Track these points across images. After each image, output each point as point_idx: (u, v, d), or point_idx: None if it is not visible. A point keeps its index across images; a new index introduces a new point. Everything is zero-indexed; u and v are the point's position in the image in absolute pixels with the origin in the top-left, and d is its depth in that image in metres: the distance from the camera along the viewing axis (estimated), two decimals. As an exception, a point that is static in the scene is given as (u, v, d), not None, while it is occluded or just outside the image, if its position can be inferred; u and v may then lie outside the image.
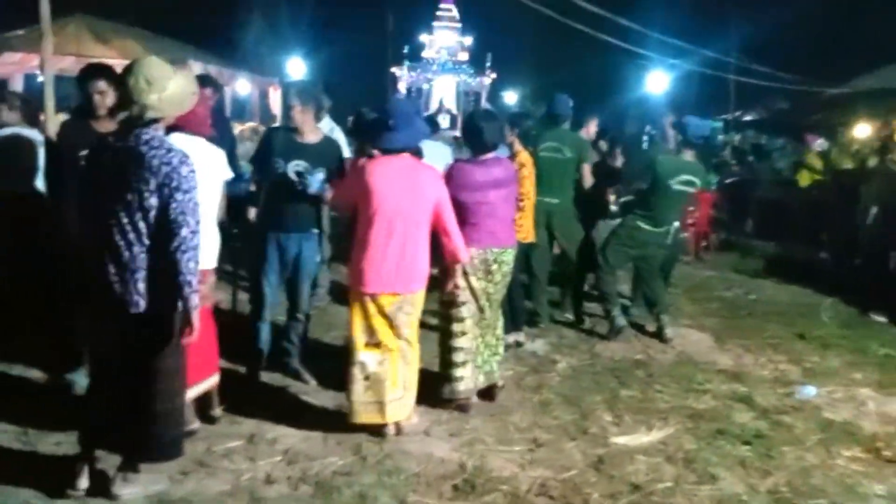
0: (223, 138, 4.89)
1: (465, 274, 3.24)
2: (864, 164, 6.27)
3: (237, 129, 14.03)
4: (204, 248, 2.35)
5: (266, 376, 3.49)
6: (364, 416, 2.90)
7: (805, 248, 7.47)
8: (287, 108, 3.29)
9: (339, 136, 4.41)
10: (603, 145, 5.74)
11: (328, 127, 4.78)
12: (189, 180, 2.18)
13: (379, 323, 2.90)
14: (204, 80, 3.42)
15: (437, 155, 4.70)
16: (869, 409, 3.60)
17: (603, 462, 2.88)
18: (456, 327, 3.26)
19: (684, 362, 4.18)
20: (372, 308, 2.88)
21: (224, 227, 3.05)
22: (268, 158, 3.31)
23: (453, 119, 23.95)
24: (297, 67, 17.07)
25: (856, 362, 4.32)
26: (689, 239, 7.36)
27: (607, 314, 4.61)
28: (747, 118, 15.48)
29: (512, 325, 4.08)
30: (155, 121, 2.22)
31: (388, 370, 2.90)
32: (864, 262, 5.81)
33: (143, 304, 2.19)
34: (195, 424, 2.87)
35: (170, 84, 2.21)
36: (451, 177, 3.21)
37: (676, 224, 4.58)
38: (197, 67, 8.67)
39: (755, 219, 7.80)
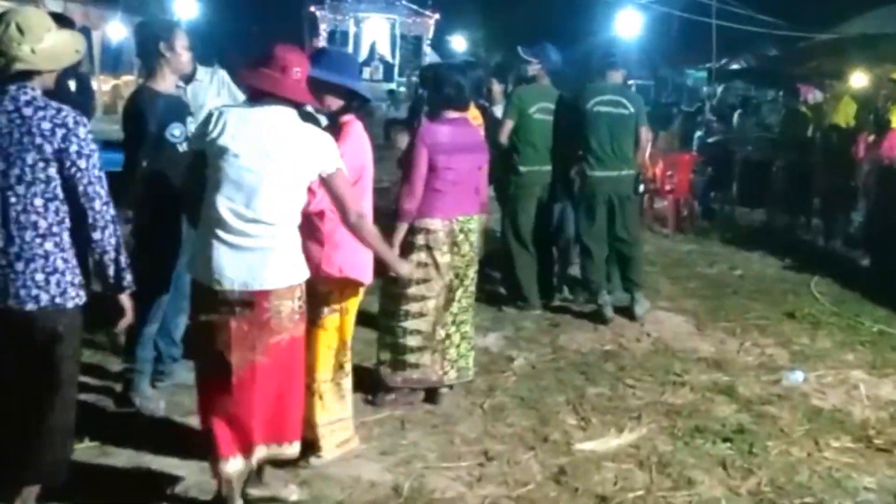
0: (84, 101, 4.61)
1: (429, 249, 3.30)
2: (859, 122, 6.48)
3: (110, 83, 13.00)
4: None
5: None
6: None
7: (795, 216, 7.74)
8: (170, 51, 3.10)
9: (237, 93, 4.22)
10: None
11: (214, 77, 4.39)
12: (90, 144, 2.20)
13: (348, 324, 2.90)
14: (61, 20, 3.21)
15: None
16: (860, 393, 3.77)
17: (565, 473, 2.93)
18: (413, 307, 3.30)
19: (660, 351, 4.29)
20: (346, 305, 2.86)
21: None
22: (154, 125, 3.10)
23: (388, 69, 22.22)
24: (186, 7, 16.43)
25: (847, 342, 4.52)
26: (667, 208, 7.55)
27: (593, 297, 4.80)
28: (734, 67, 15.83)
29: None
30: (29, 77, 2.19)
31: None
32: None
33: (43, 297, 2.18)
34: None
35: (47, 36, 2.21)
36: (422, 137, 3.30)
37: (633, 170, 4.73)
38: (54, 5, 8.31)
39: (741, 183, 8.01)
